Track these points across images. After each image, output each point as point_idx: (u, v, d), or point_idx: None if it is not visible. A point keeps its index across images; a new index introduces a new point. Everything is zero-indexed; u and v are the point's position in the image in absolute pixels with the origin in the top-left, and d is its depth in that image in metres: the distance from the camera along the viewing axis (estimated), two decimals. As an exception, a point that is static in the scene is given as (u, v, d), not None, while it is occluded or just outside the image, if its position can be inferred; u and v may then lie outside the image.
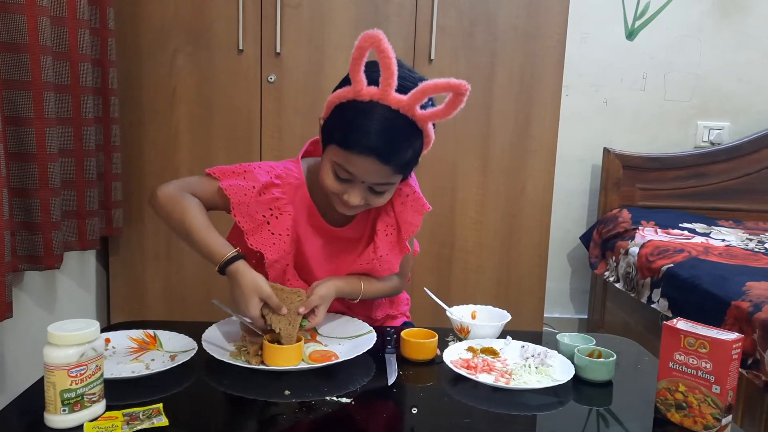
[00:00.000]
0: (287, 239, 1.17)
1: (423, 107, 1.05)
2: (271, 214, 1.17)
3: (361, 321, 1.22)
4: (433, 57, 1.93)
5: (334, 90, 1.10)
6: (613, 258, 2.37)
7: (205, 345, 1.06)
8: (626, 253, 2.25)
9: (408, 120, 1.05)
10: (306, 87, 1.35)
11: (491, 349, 1.12)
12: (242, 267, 1.10)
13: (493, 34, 1.96)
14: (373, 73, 1.03)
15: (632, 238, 2.29)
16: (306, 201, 1.21)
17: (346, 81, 1.08)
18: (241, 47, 1.87)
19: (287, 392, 0.96)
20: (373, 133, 1.03)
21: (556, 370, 1.05)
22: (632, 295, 2.17)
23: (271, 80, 1.90)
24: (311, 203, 1.21)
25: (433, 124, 1.11)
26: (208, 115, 1.92)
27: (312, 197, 1.21)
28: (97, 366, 0.85)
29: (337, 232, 1.23)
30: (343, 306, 1.30)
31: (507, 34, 1.96)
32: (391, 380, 1.02)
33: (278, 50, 1.88)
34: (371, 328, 1.18)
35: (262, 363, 1.02)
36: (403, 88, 1.03)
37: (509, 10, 1.95)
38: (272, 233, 1.17)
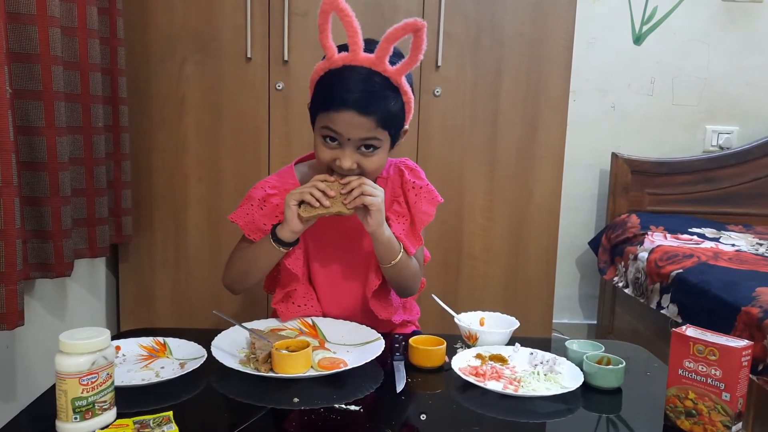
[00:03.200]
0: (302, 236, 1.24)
1: (393, 64, 1.11)
2: (279, 221, 1.23)
3: (369, 328, 1.22)
4: (440, 64, 1.93)
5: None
6: (622, 263, 2.36)
7: (214, 352, 1.07)
8: (635, 258, 2.25)
9: (382, 76, 1.11)
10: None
11: (500, 356, 1.12)
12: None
13: (500, 40, 1.96)
14: (344, 47, 1.11)
15: (641, 243, 2.28)
16: None
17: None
18: (249, 55, 1.89)
19: (296, 400, 0.96)
20: (348, 88, 1.10)
21: (565, 377, 1.04)
22: (641, 300, 2.16)
23: (279, 88, 1.91)
24: None
25: (411, 85, 1.17)
26: (217, 122, 1.93)
27: None
28: (108, 374, 0.85)
29: (343, 219, 1.25)
30: (368, 316, 1.32)
31: (513, 39, 1.97)
32: (399, 387, 1.02)
33: (286, 58, 1.89)
34: (379, 335, 1.18)
35: (271, 370, 1.02)
36: (371, 51, 1.10)
37: (515, 16, 1.95)
38: None
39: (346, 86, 1.10)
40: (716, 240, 2.29)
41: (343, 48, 1.12)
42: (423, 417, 0.95)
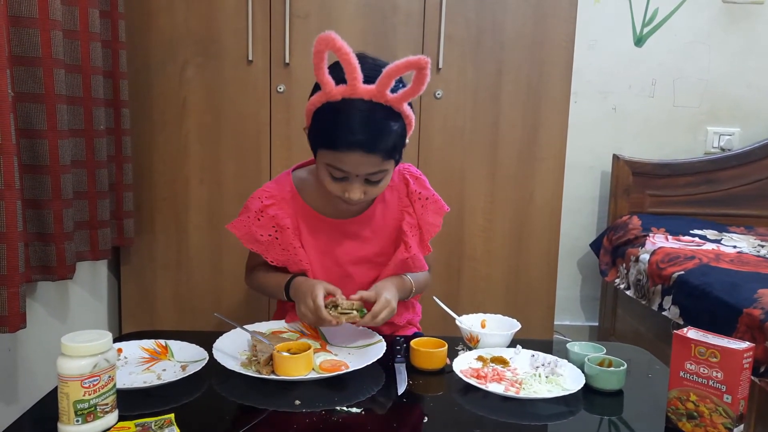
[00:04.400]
0: (299, 250, 1.25)
1: (394, 91, 1.09)
2: (276, 231, 1.25)
3: (370, 330, 1.22)
4: (441, 66, 1.94)
5: (309, 97, 1.16)
6: (624, 265, 2.36)
7: (215, 355, 1.07)
8: (637, 260, 2.24)
9: (383, 106, 1.10)
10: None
11: (501, 359, 1.12)
12: (302, 278, 1.24)
13: (501, 42, 1.96)
14: (341, 71, 1.08)
15: (642, 245, 2.28)
16: (302, 208, 1.28)
17: (317, 87, 1.14)
18: (250, 58, 1.89)
19: (297, 402, 0.97)
20: (353, 128, 1.08)
21: (567, 380, 1.04)
22: (643, 302, 2.16)
23: (280, 90, 1.92)
24: (307, 208, 1.28)
25: (410, 104, 1.15)
26: (218, 125, 1.93)
27: (308, 201, 1.28)
28: (109, 377, 0.86)
29: (343, 224, 1.29)
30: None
31: (514, 42, 1.97)
32: (400, 390, 1.02)
33: (287, 60, 1.90)
34: (381, 337, 1.18)
35: (273, 373, 1.03)
36: (371, 79, 1.08)
37: (516, 18, 1.96)
38: (284, 249, 1.26)
39: (349, 127, 1.08)
40: (718, 242, 2.29)
41: (338, 73, 1.09)
42: (425, 419, 0.95)
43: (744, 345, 0.87)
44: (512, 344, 1.19)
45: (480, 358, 1.12)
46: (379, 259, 1.30)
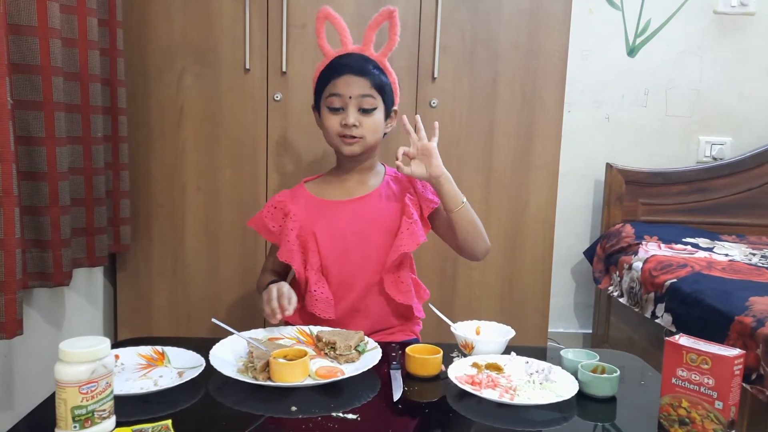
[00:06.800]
0: (289, 232, 1.39)
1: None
2: (284, 220, 1.42)
3: (367, 337, 1.23)
4: (436, 75, 1.95)
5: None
6: (617, 273, 2.38)
7: (212, 361, 1.08)
8: (630, 268, 2.26)
9: (370, 58, 1.39)
10: (311, 105, 1.43)
11: (495, 365, 1.13)
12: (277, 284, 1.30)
13: (495, 53, 1.99)
14: None
15: (635, 253, 2.30)
16: (312, 199, 1.43)
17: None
18: (247, 66, 1.90)
19: (294, 408, 0.97)
20: (345, 60, 1.38)
21: (560, 386, 1.05)
22: (636, 309, 2.18)
23: (277, 99, 1.93)
24: (316, 198, 1.44)
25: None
26: (215, 133, 1.94)
27: (316, 194, 1.44)
28: (107, 383, 0.86)
29: (350, 203, 1.42)
30: (380, 307, 1.43)
31: (509, 52, 1.99)
32: (396, 396, 1.03)
33: (284, 69, 1.91)
34: (376, 344, 1.19)
35: (269, 379, 1.03)
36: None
37: (510, 28, 1.98)
38: (282, 233, 1.41)
39: (341, 62, 1.37)
40: (710, 250, 2.31)
41: None
42: (420, 426, 0.96)
43: (735, 352, 0.88)
44: (506, 351, 1.20)
45: (475, 365, 1.13)
46: (384, 238, 1.40)
